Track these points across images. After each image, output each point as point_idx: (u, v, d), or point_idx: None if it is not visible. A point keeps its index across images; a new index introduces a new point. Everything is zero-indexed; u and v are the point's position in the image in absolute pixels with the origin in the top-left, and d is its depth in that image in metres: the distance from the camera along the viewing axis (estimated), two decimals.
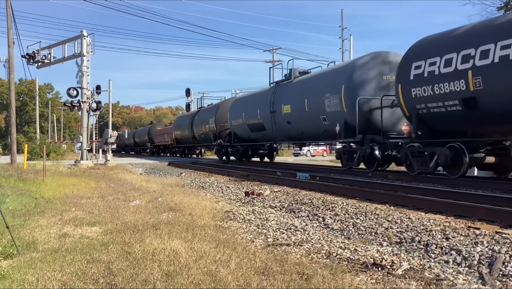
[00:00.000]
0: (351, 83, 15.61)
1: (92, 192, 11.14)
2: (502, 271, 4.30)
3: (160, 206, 8.54)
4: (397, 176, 14.17)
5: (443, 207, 7.36)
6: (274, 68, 29.15)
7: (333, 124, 16.56)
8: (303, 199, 9.30)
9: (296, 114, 19.55)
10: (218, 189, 12.40)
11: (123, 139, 62.27)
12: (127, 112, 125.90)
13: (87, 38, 24.93)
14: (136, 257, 4.73)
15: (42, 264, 4.55)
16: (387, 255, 5.07)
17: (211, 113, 31.51)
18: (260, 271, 4.32)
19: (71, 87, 24.80)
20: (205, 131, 32.25)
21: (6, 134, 61.77)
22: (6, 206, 8.28)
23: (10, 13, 23.44)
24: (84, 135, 25.32)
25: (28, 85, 76.11)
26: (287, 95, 20.61)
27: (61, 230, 6.38)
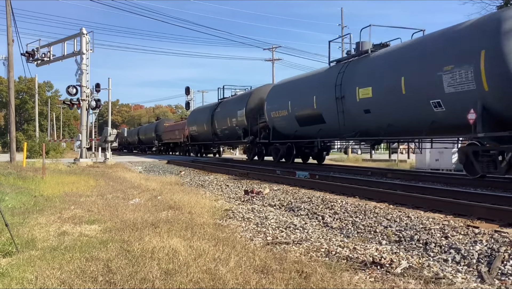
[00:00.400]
0: (498, 47, 10.30)
1: (91, 190, 11.14)
2: (501, 270, 4.31)
3: (159, 205, 8.54)
4: (397, 175, 14.18)
5: (442, 206, 7.36)
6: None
7: (455, 111, 11.45)
8: (302, 198, 9.30)
9: (381, 99, 13.93)
10: (217, 187, 12.40)
11: (125, 137, 59.00)
12: (127, 110, 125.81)
13: (87, 36, 24.90)
14: (135, 255, 4.73)
15: (41, 262, 4.55)
16: (386, 254, 5.07)
17: (239, 104, 25.59)
18: (259, 270, 4.32)
19: (70, 85, 24.76)
20: (231, 126, 26.43)
21: (6, 132, 61.79)
22: (5, 204, 8.28)
23: (9, 11, 23.41)
24: (83, 133, 25.29)
25: (27, 83, 76.06)
26: (364, 75, 14.95)
27: (60, 228, 6.37)
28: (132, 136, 59.67)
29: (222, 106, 28.76)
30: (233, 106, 26.62)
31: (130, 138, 60.46)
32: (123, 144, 65.84)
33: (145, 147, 55.08)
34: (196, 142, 34.64)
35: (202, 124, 31.49)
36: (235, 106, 26.21)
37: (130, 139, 61.04)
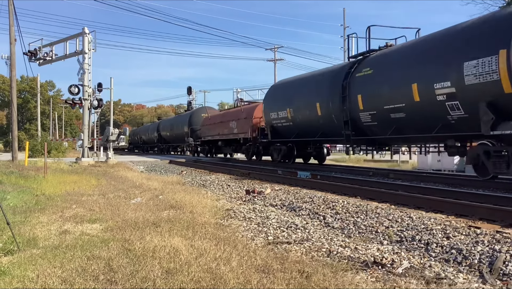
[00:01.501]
0: None
1: (93, 190, 11.15)
2: (502, 270, 4.30)
3: (160, 204, 8.54)
4: (398, 175, 14.17)
5: (444, 206, 7.35)
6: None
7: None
8: (304, 198, 9.30)
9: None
10: (219, 187, 12.40)
11: (138, 134, 52.94)
12: (129, 110, 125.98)
13: (89, 36, 24.91)
14: (136, 254, 4.74)
15: (43, 260, 4.55)
16: (388, 254, 5.07)
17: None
18: (260, 269, 4.32)
19: (72, 85, 24.77)
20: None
21: (8, 131, 61.85)
22: (7, 203, 8.29)
23: (12, 10, 23.45)
24: (85, 132, 25.31)
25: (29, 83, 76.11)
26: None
27: (61, 227, 6.38)
28: (148, 133, 49.88)
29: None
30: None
31: (145, 135, 51.03)
32: (136, 143, 57.42)
33: (169, 147, 43.27)
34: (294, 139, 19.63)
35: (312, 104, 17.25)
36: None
37: (145, 136, 51.22)
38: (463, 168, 18.98)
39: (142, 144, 53.76)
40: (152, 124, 52.86)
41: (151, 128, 50.24)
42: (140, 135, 53.94)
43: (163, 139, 44.41)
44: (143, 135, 52.20)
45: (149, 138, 49.93)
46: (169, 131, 42.22)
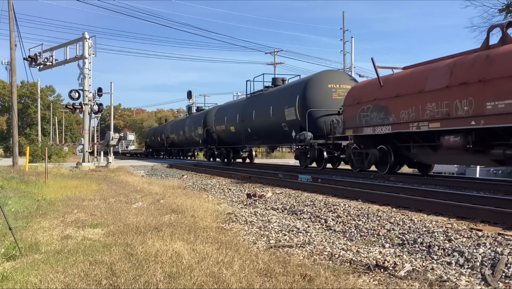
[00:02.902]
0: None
1: (94, 194, 11.15)
2: (504, 273, 4.30)
3: (162, 208, 8.55)
4: (399, 178, 14.16)
5: (445, 209, 7.35)
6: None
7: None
8: (305, 201, 9.30)
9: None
10: (220, 191, 12.41)
11: (165, 132, 42.53)
12: (129, 114, 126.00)
13: (89, 41, 24.99)
14: (138, 258, 4.74)
15: (45, 265, 4.55)
16: (390, 257, 5.07)
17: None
18: (262, 273, 4.32)
19: (72, 90, 24.85)
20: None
21: (8, 136, 61.92)
22: (8, 208, 8.29)
23: (12, 15, 23.51)
24: (85, 137, 25.36)
25: (30, 88, 76.23)
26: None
27: (63, 231, 6.38)
28: (174, 131, 39.52)
29: None
30: None
31: (176, 134, 39.11)
32: (158, 146, 47.15)
33: (229, 150, 28.46)
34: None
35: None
36: None
37: (176, 136, 39.24)
38: (464, 170, 18.98)
39: (169, 146, 42.53)
40: (179, 120, 42.00)
41: (176, 126, 39.80)
42: (166, 134, 42.60)
43: (220, 140, 29.68)
44: (172, 134, 40.25)
45: (179, 138, 38.09)
46: (224, 125, 28.22)
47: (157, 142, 47.75)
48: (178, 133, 38.89)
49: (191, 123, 35.53)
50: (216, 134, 29.76)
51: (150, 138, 51.70)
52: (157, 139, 46.96)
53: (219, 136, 29.40)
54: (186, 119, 38.27)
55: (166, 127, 44.71)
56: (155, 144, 49.00)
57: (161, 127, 48.14)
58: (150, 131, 54.34)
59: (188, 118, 37.96)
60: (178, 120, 43.55)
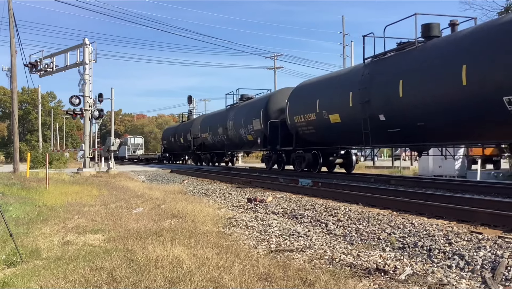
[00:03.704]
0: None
1: (95, 200, 11.16)
2: (505, 276, 4.30)
3: (162, 213, 8.55)
4: (400, 181, 14.17)
5: (446, 212, 7.36)
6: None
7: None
8: (305, 205, 9.30)
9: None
10: (220, 196, 12.41)
11: (192, 131, 34.80)
12: (129, 120, 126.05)
13: (89, 47, 25.04)
14: (139, 264, 4.74)
15: (46, 271, 4.56)
16: (390, 260, 5.07)
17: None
18: (263, 277, 4.33)
19: (73, 96, 24.87)
20: None
21: (9, 142, 61.91)
22: (9, 214, 8.30)
23: (12, 22, 23.59)
24: (86, 143, 25.37)
25: (30, 94, 76.38)
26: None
27: (64, 237, 6.39)
28: (208, 129, 31.16)
29: None
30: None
31: (199, 134, 33.02)
32: (176, 150, 41.06)
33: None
34: None
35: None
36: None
37: (201, 136, 32.63)
38: (465, 173, 18.97)
39: (198, 149, 34.14)
40: (209, 117, 33.31)
41: (202, 124, 33.06)
42: (194, 133, 34.46)
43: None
44: (205, 134, 32.02)
45: (225, 137, 28.50)
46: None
47: (178, 145, 39.91)
48: (214, 132, 30.22)
49: (241, 114, 25.91)
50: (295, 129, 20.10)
51: (168, 139, 43.09)
52: (179, 141, 39.03)
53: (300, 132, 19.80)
54: (228, 112, 28.54)
55: (194, 125, 35.62)
56: (175, 147, 41.31)
57: (185, 125, 39.12)
58: (168, 132, 45.55)
59: (232, 110, 28.03)
60: (216, 113, 32.67)
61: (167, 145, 44.12)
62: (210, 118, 33.63)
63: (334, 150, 19.07)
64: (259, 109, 23.41)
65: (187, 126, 38.24)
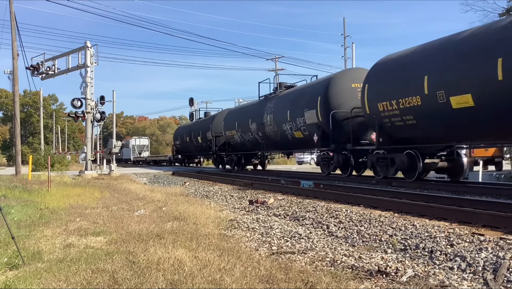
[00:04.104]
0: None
1: (97, 202, 11.17)
2: (506, 277, 4.29)
3: (164, 216, 8.56)
4: (401, 183, 14.15)
5: (447, 214, 7.35)
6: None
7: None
8: (307, 207, 9.30)
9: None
10: (222, 198, 12.41)
11: (198, 133, 32.80)
12: (131, 122, 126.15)
13: (91, 49, 25.09)
14: (140, 266, 4.75)
15: (47, 274, 4.57)
16: (392, 262, 5.06)
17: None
18: (264, 279, 4.33)
19: (75, 98, 24.91)
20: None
21: (11, 145, 62.02)
22: (11, 217, 8.32)
23: (14, 25, 23.65)
24: (88, 145, 25.41)
25: (32, 97, 76.51)
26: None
27: (66, 240, 6.40)
28: (235, 126, 26.42)
29: None
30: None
31: (223, 132, 28.61)
32: (191, 151, 36.87)
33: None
34: None
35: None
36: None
37: (226, 135, 28.07)
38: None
39: (221, 150, 29.77)
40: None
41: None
42: (216, 131, 30.03)
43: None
44: (231, 131, 27.27)
45: (261, 134, 23.55)
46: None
47: (194, 145, 35.47)
48: (245, 128, 25.36)
49: (284, 105, 21.06)
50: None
51: (182, 139, 39.01)
52: (195, 141, 34.62)
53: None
54: (264, 103, 23.39)
55: (216, 122, 31.00)
56: (190, 147, 37.08)
57: (203, 122, 34.38)
58: (182, 130, 41.34)
59: (270, 101, 22.91)
60: (247, 106, 28.32)
61: (180, 146, 40.03)
62: (239, 112, 27.85)
63: (434, 149, 14.18)
64: (314, 97, 18.17)
65: (206, 123, 33.35)
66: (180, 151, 40.64)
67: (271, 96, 23.54)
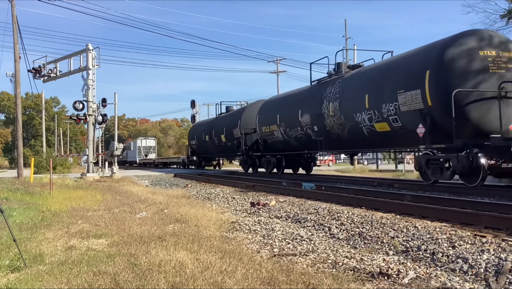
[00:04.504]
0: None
1: (99, 205, 11.18)
2: (508, 279, 4.29)
3: (166, 218, 8.56)
4: (403, 185, 14.15)
5: (449, 215, 7.34)
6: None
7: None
8: (308, 209, 9.30)
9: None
10: (223, 200, 12.42)
11: (221, 130, 28.25)
12: (133, 124, 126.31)
13: (93, 52, 25.15)
14: (142, 268, 4.75)
15: (49, 276, 4.57)
16: (393, 264, 5.06)
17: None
18: (266, 282, 4.32)
19: (77, 101, 24.98)
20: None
21: (13, 148, 62.16)
22: (13, 220, 8.33)
23: (16, 28, 23.70)
24: (90, 148, 25.44)
25: (34, 99, 76.76)
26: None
27: (67, 242, 6.41)
28: (276, 120, 21.40)
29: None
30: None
31: (257, 128, 23.60)
32: (211, 151, 32.18)
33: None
34: None
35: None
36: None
37: (264, 131, 22.95)
38: None
39: (253, 149, 24.66)
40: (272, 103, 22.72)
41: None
42: (246, 127, 25.00)
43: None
44: (269, 127, 22.22)
45: (324, 130, 17.78)
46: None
47: (215, 145, 30.40)
48: (291, 122, 20.13)
49: (357, 88, 15.81)
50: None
51: (199, 138, 34.08)
52: (217, 139, 29.62)
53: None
54: (322, 88, 18.11)
55: (246, 115, 25.95)
56: (209, 147, 31.93)
57: (228, 118, 29.24)
58: (199, 128, 35.44)
59: (331, 84, 17.52)
60: (290, 95, 21.79)
61: (197, 146, 34.83)
62: (281, 102, 22.09)
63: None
64: (417, 72, 12.69)
65: (233, 118, 27.67)
66: (197, 152, 35.47)
67: (331, 79, 17.70)
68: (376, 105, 14.46)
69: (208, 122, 34.65)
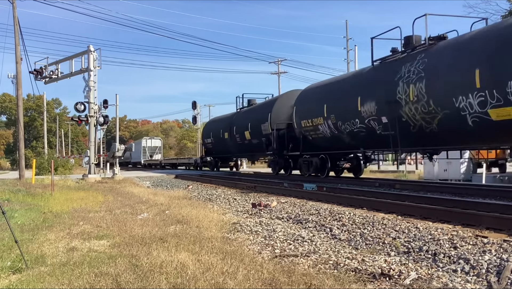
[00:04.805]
0: None
1: (100, 206, 11.19)
2: (510, 279, 4.28)
3: (167, 219, 8.56)
4: (405, 185, 14.14)
5: (451, 216, 7.33)
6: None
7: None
8: (310, 210, 9.29)
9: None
10: (225, 201, 12.41)
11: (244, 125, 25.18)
12: (134, 125, 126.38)
13: (94, 53, 25.17)
14: (143, 270, 4.75)
15: (51, 278, 4.58)
16: (395, 265, 5.05)
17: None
18: (267, 283, 4.32)
19: (78, 102, 24.97)
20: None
21: (15, 149, 62.25)
22: (14, 221, 8.34)
23: (17, 29, 23.77)
24: (91, 149, 25.46)
25: (36, 101, 76.79)
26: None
27: (69, 244, 6.41)
28: (328, 109, 16.98)
29: None
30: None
31: (296, 122, 19.74)
32: (231, 151, 28.81)
33: None
34: None
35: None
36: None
37: (304, 125, 18.92)
38: (470, 177, 18.89)
39: (284, 148, 20.94)
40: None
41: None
42: (274, 123, 21.74)
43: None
44: (306, 120, 18.83)
45: (400, 123, 13.40)
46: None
47: (237, 143, 27.03)
48: (345, 114, 16.29)
49: (459, 62, 11.65)
50: None
51: (216, 136, 30.68)
52: (239, 137, 26.32)
53: None
54: (389, 68, 14.27)
55: (277, 108, 22.55)
56: (229, 146, 28.48)
57: (254, 111, 25.84)
58: (216, 125, 32.18)
59: (406, 62, 13.44)
60: (341, 78, 18.61)
61: (214, 145, 31.39)
62: (327, 88, 18.26)
63: None
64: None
65: (260, 111, 24.18)
66: (212, 152, 31.84)
67: (407, 55, 13.72)
68: (494, 83, 10.26)
69: (227, 117, 30.11)
